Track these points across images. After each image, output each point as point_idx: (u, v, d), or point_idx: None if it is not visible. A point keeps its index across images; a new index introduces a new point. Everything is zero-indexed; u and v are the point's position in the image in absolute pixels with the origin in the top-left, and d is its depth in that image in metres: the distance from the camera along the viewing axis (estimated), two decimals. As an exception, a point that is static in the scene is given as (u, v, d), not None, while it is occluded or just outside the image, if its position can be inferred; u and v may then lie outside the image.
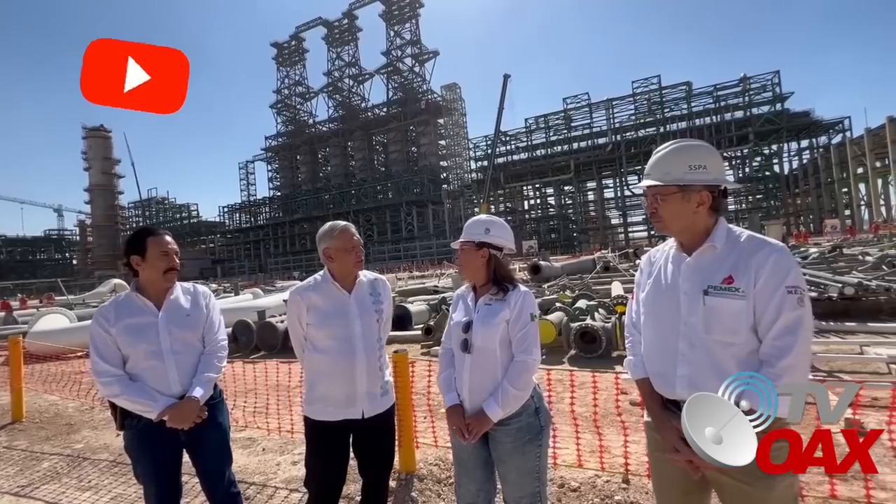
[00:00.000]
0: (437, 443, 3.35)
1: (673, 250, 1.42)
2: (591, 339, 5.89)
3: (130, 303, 1.98)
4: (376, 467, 2.05)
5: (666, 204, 1.33)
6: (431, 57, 73.97)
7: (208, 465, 2.01)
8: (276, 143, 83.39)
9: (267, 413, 4.25)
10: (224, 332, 2.18)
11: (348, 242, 1.98)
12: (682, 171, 1.30)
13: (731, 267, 1.26)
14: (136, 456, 1.95)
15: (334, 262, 2.00)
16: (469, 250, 1.76)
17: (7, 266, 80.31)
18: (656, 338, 1.40)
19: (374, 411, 1.97)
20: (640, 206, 56.45)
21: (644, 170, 1.44)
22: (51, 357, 8.53)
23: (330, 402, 1.92)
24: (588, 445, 3.00)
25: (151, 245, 1.95)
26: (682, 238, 1.38)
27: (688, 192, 1.30)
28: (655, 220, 1.37)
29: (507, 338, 1.68)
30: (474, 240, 1.75)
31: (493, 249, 1.74)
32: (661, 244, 1.54)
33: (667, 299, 1.37)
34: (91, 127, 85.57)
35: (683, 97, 54.30)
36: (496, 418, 1.61)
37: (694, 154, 1.31)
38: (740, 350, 1.25)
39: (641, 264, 1.57)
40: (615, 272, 15.70)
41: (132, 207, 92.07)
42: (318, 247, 2.05)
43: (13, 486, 3.45)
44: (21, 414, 5.17)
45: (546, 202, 65.37)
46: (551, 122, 60.64)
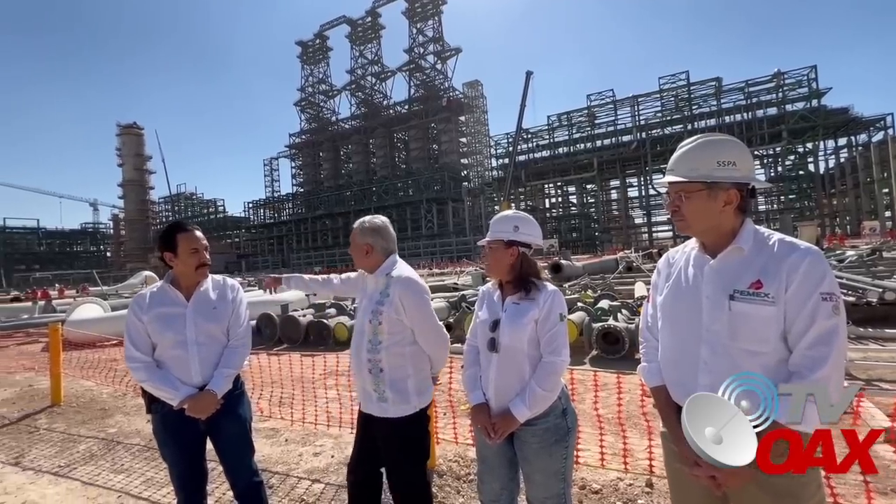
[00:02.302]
0: (457, 439, 3.36)
1: (695, 252, 1.35)
2: (614, 340, 5.79)
3: (163, 293, 2.06)
4: (388, 468, 2.00)
5: (689, 202, 1.27)
6: (453, 54, 73.86)
7: (227, 454, 2.06)
8: (299, 141, 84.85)
9: (291, 404, 4.34)
10: (248, 327, 2.19)
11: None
12: (710, 167, 1.23)
13: (759, 271, 1.19)
14: (161, 439, 2.04)
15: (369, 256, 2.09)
16: (498, 249, 1.72)
17: (47, 257, 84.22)
18: (675, 344, 1.33)
19: (378, 413, 1.91)
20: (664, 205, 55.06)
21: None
22: (87, 344, 8.92)
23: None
24: (611, 447, 2.95)
25: (182, 242, 2.01)
26: (706, 239, 1.31)
27: (714, 190, 1.23)
28: (677, 218, 1.31)
29: (535, 338, 1.65)
30: (503, 238, 1.71)
31: (522, 247, 1.72)
32: (680, 245, 1.47)
33: (687, 304, 1.31)
34: (125, 124, 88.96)
35: (713, 93, 52.65)
36: (523, 419, 1.59)
37: (723, 149, 1.25)
38: (768, 359, 1.18)
39: (659, 266, 1.49)
40: (638, 273, 15.40)
41: (162, 202, 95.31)
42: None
43: (53, 466, 3.62)
44: (60, 398, 5.42)
45: (568, 201, 64.53)
46: (574, 120, 59.72)
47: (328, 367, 5.10)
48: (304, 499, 2.85)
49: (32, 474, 3.51)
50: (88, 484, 3.28)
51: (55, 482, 3.35)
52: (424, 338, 1.92)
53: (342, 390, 4.70)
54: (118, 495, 3.08)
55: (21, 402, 5.65)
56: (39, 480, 3.40)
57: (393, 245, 2.07)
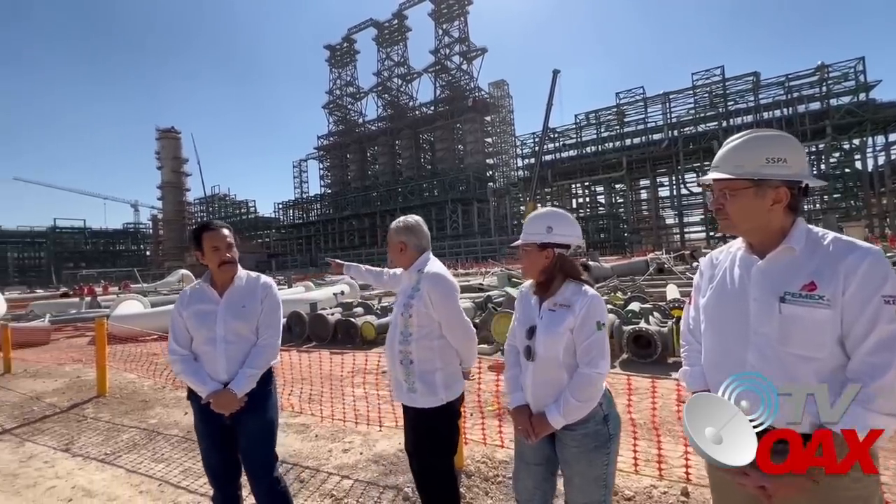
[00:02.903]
0: (485, 440, 3.34)
1: (741, 252, 1.29)
2: (646, 343, 5.63)
3: (201, 291, 2.15)
4: (415, 457, 2.11)
5: (735, 200, 1.21)
6: (479, 54, 73.67)
7: (246, 452, 2.09)
8: (327, 143, 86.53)
9: (321, 401, 4.42)
10: (278, 327, 2.15)
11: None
12: (758, 164, 1.17)
13: (812, 272, 1.13)
14: (196, 429, 2.15)
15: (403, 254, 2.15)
16: (531, 252, 1.67)
17: (92, 255, 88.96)
18: (719, 348, 1.28)
19: (409, 403, 2.02)
20: (697, 205, 53.21)
21: (704, 166, 1.33)
22: (129, 339, 9.37)
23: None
24: (644, 453, 2.86)
25: (206, 241, 2.08)
26: (752, 238, 1.26)
27: (762, 188, 1.18)
28: (721, 217, 1.26)
29: (572, 346, 1.60)
30: (536, 241, 1.66)
31: (558, 249, 1.66)
32: (724, 245, 1.41)
33: (733, 306, 1.25)
34: (163, 129, 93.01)
35: (750, 89, 50.41)
36: (558, 426, 1.57)
37: (773, 145, 1.18)
38: (823, 365, 1.12)
39: (701, 267, 1.43)
40: (670, 275, 14.96)
41: (197, 203, 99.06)
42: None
43: (100, 454, 3.82)
44: (105, 389, 5.71)
45: (595, 201, 63.23)
46: (603, 118, 58.43)
47: (356, 365, 5.17)
48: (333, 494, 2.89)
49: (81, 460, 3.71)
50: (132, 472, 3.44)
51: (101, 469, 3.53)
52: (451, 332, 2.00)
53: (370, 388, 4.75)
54: (158, 483, 3.22)
55: (70, 392, 5.98)
56: (87, 466, 3.59)
57: (426, 242, 2.16)
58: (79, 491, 3.18)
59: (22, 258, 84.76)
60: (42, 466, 3.63)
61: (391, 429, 3.81)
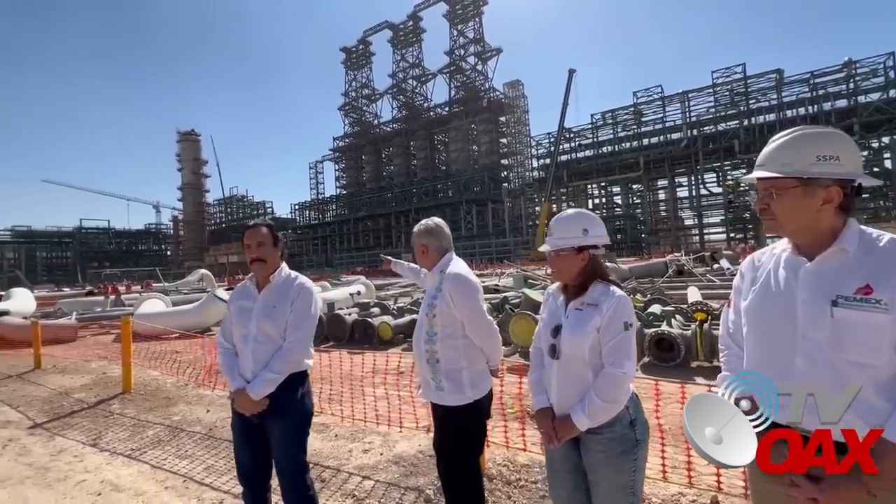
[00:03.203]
0: (507, 443, 3.30)
1: (786, 253, 1.24)
2: (668, 346, 5.51)
3: (247, 287, 2.21)
4: (442, 454, 2.13)
5: (782, 199, 1.16)
6: (494, 55, 73.52)
7: (275, 455, 2.09)
8: (343, 144, 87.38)
9: (341, 401, 4.44)
10: (306, 331, 2.09)
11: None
12: (808, 162, 1.12)
13: (868, 275, 1.08)
14: (231, 423, 2.19)
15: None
16: (567, 256, 1.63)
17: (116, 255, 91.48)
18: (763, 353, 1.23)
19: (437, 401, 2.06)
20: (717, 206, 52.11)
21: (724, 165, 1.27)
22: (151, 337, 9.58)
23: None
24: (672, 460, 2.79)
25: (244, 238, 2.15)
26: (799, 239, 1.20)
27: (811, 187, 1.12)
28: (766, 217, 1.20)
29: (598, 346, 1.58)
30: (574, 245, 1.62)
31: (593, 250, 1.65)
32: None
33: (778, 309, 1.20)
34: (184, 131, 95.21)
35: (773, 86, 49.13)
36: (583, 427, 1.54)
37: (824, 142, 1.13)
38: (880, 372, 1.06)
39: (742, 268, 1.38)
40: (690, 276, 14.67)
41: (217, 204, 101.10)
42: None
43: (126, 449, 3.90)
44: (130, 386, 5.84)
45: (612, 201, 62.41)
46: (620, 118, 57.64)
47: (375, 365, 5.18)
48: (354, 494, 2.89)
49: (108, 455, 3.80)
50: (157, 468, 3.50)
51: (128, 464, 3.61)
52: (473, 331, 2.03)
53: (389, 389, 4.75)
54: (183, 480, 3.27)
55: (97, 388, 6.14)
56: (114, 461, 3.67)
57: (447, 244, 2.19)
58: (107, 485, 3.25)
59: (50, 257, 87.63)
60: (72, 460, 3.73)
61: (411, 430, 3.81)
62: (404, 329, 8.24)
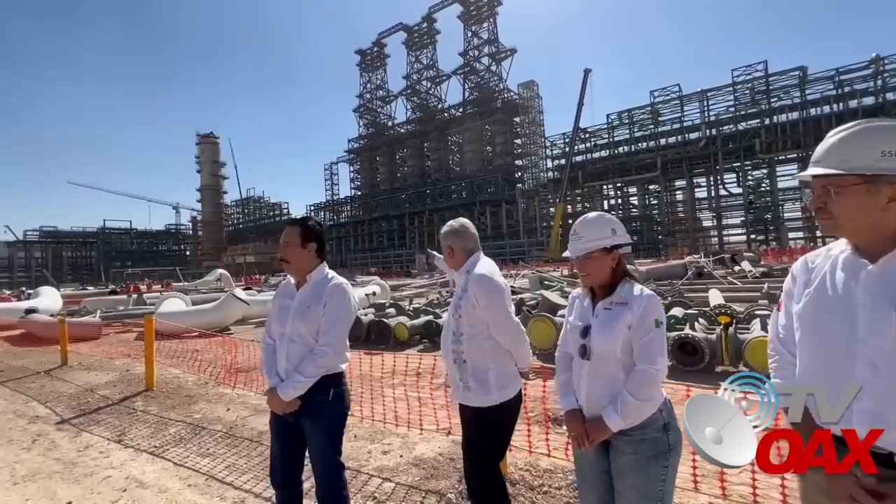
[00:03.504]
0: (530, 448, 3.25)
1: (844, 255, 1.17)
2: (692, 350, 5.38)
3: (288, 285, 2.23)
4: (468, 454, 2.10)
5: (841, 198, 1.09)
6: (508, 55, 73.26)
7: (309, 453, 2.09)
8: (357, 146, 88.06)
9: (360, 402, 4.43)
10: (335, 334, 2.03)
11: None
12: (872, 157, 1.05)
13: None
14: (269, 420, 2.19)
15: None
16: (599, 257, 1.63)
17: (137, 255, 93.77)
18: (819, 360, 1.16)
19: (463, 401, 2.05)
20: (737, 206, 50.95)
21: (745, 165, 1.21)
22: (172, 335, 9.75)
23: None
24: (703, 468, 2.70)
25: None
26: (859, 240, 1.14)
27: (876, 184, 1.05)
28: (823, 216, 1.14)
29: (629, 345, 1.56)
30: (605, 245, 1.63)
31: (620, 249, 1.66)
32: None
33: (836, 313, 1.13)
34: (203, 134, 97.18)
35: (796, 84, 47.84)
36: (615, 428, 1.51)
37: (890, 137, 1.06)
38: None
39: (794, 270, 1.31)
40: (710, 278, 14.34)
41: (234, 205, 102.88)
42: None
43: (149, 446, 3.96)
44: (152, 383, 5.94)
45: (628, 202, 61.57)
46: (636, 118, 56.85)
47: (392, 366, 5.17)
48: (375, 496, 2.88)
49: (133, 452, 3.86)
50: (179, 465, 3.54)
51: (152, 461, 3.66)
52: (498, 332, 2.00)
53: (407, 390, 4.74)
54: (205, 478, 3.29)
55: (121, 385, 6.27)
56: (139, 458, 3.72)
57: (472, 244, 2.18)
58: (132, 482, 3.30)
59: (75, 257, 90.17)
60: (98, 456, 3.80)
61: (430, 432, 3.78)
62: (420, 330, 8.23)
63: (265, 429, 4.17)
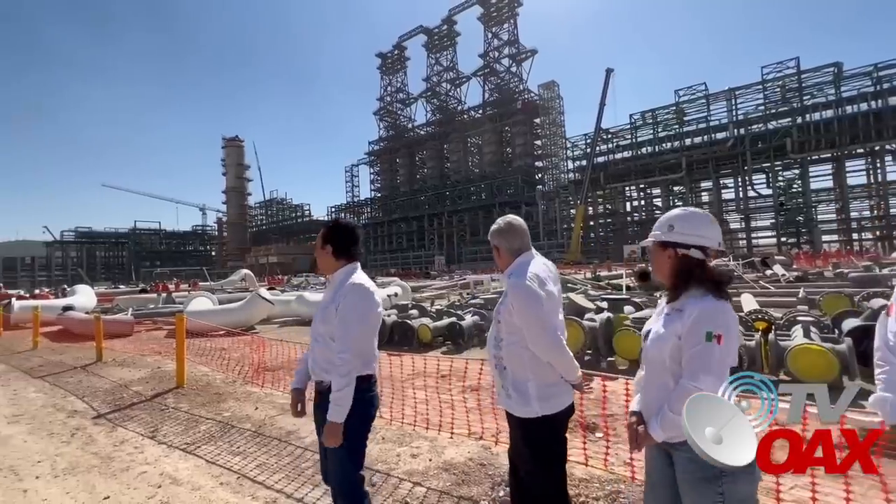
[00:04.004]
0: (587, 461, 3.13)
1: None
2: (728, 357, 5.16)
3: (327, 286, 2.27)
4: (517, 464, 2.02)
5: None
6: (529, 56, 72.80)
7: (329, 465, 2.05)
8: (377, 148, 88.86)
9: (389, 404, 4.40)
10: (346, 340, 1.91)
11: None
12: None
13: None
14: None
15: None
16: (654, 251, 1.59)
17: (165, 255, 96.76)
18: None
19: (506, 408, 1.96)
20: (767, 208, 49.22)
21: (775, 165, 1.11)
22: (200, 333, 9.95)
23: None
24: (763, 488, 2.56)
25: None
26: None
27: None
28: None
29: (678, 353, 1.46)
30: (657, 240, 1.57)
31: (681, 249, 1.52)
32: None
33: None
34: (228, 137, 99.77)
35: (830, 81, 45.94)
36: (658, 438, 1.45)
37: None
38: None
39: None
40: (740, 283, 13.84)
41: (258, 207, 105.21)
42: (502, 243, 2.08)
43: (182, 443, 4.02)
44: (183, 381, 6.06)
45: (652, 204, 60.23)
46: (660, 118, 55.62)
47: (416, 368, 5.15)
48: (407, 501, 2.83)
49: (166, 448, 3.92)
50: (211, 463, 3.58)
51: (184, 458, 3.70)
52: (533, 344, 1.85)
53: (431, 393, 4.69)
54: (237, 476, 3.31)
55: (152, 381, 6.41)
56: (172, 455, 3.78)
57: (519, 243, 2.04)
58: (166, 478, 3.34)
59: (108, 256, 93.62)
60: (133, 451, 3.87)
61: (460, 437, 3.72)
62: (444, 331, 8.18)
63: (293, 428, 4.20)
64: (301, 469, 3.36)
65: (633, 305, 8.00)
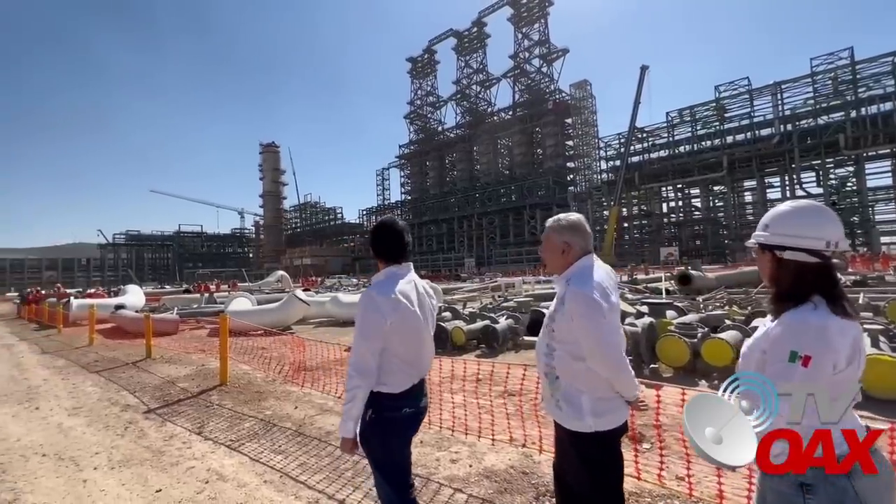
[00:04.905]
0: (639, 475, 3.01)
1: None
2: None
3: None
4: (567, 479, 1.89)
5: None
6: (560, 56, 71.74)
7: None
8: (408, 151, 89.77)
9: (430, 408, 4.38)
10: (357, 350, 1.85)
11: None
12: None
13: None
14: None
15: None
16: (758, 252, 1.41)
17: (207, 257, 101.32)
18: None
19: (556, 418, 1.83)
20: (818, 208, 46.35)
21: (826, 163, 0.97)
22: (240, 333, 10.30)
23: None
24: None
25: None
26: None
27: None
28: None
29: (763, 370, 1.30)
30: (758, 241, 1.38)
31: (779, 251, 1.31)
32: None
33: None
34: (265, 143, 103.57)
35: (888, 71, 42.83)
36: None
37: None
38: None
39: None
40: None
41: (293, 210, 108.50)
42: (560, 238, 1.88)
43: (227, 440, 4.14)
44: (226, 378, 6.26)
45: (690, 204, 57.94)
46: (699, 115, 53.46)
47: (451, 371, 5.10)
48: (448, 507, 2.79)
49: (212, 444, 4.04)
50: (255, 460, 3.65)
51: (229, 454, 3.80)
52: (591, 357, 1.70)
53: (468, 397, 4.63)
54: (279, 475, 3.36)
55: (197, 378, 6.66)
56: (217, 451, 3.89)
57: (590, 243, 1.89)
58: (213, 474, 3.44)
59: (154, 258, 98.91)
60: (181, 446, 4.01)
61: (501, 443, 3.65)
62: (478, 335, 8.11)
63: (332, 429, 4.24)
64: (341, 470, 3.37)
65: (675, 310, 7.67)
